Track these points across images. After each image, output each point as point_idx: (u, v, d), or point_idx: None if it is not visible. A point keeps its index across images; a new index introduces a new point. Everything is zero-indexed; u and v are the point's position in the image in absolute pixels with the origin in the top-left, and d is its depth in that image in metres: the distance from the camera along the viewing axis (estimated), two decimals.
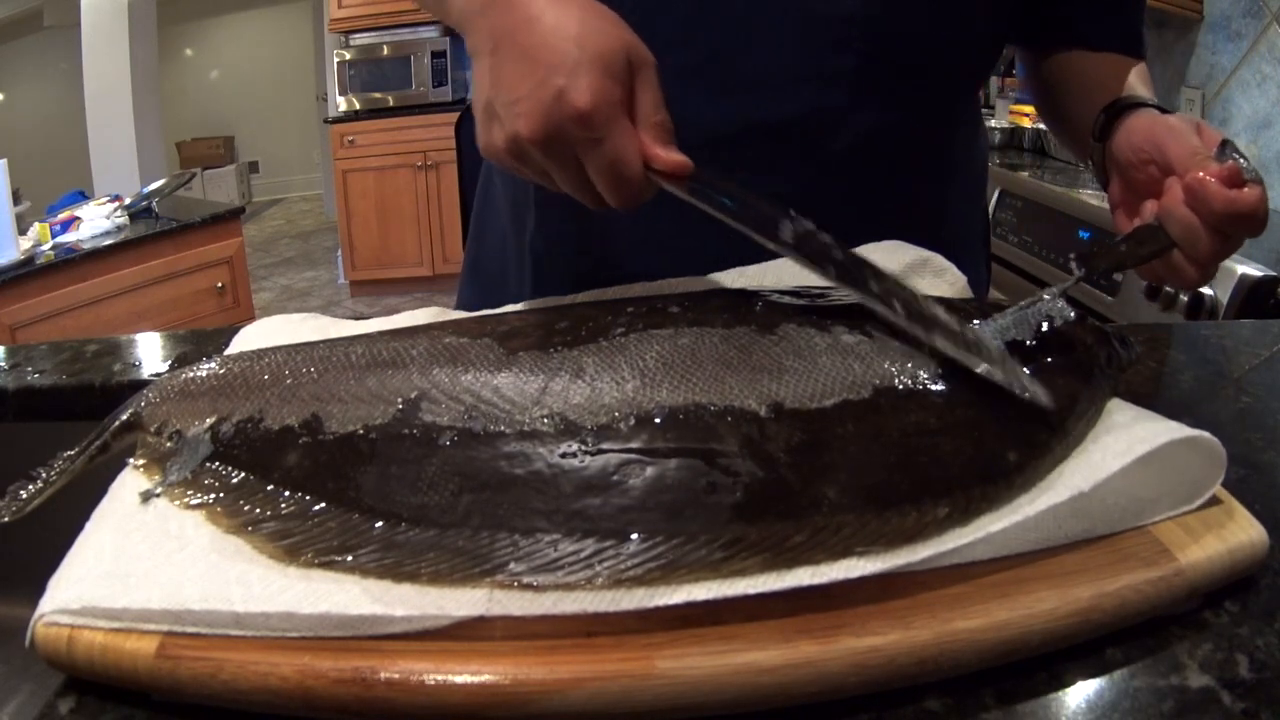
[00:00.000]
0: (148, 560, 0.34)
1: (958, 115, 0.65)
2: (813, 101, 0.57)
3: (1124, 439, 0.36)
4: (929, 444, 0.35)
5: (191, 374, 0.43)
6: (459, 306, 0.73)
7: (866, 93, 0.58)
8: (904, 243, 0.53)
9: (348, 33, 4.09)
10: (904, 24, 0.57)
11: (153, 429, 0.41)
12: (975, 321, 0.41)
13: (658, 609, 0.31)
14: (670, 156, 0.43)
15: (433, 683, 0.30)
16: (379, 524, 0.35)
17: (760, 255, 0.52)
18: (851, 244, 0.53)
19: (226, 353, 0.46)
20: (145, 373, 0.61)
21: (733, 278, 0.52)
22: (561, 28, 0.42)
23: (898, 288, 0.41)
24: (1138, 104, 0.56)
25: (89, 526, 0.37)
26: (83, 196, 2.78)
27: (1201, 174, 0.45)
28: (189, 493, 0.38)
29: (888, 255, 0.54)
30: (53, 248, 2.36)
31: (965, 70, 0.64)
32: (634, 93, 0.43)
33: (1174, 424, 0.37)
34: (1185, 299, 1.33)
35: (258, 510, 0.36)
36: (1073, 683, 0.32)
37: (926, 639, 0.31)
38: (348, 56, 4.04)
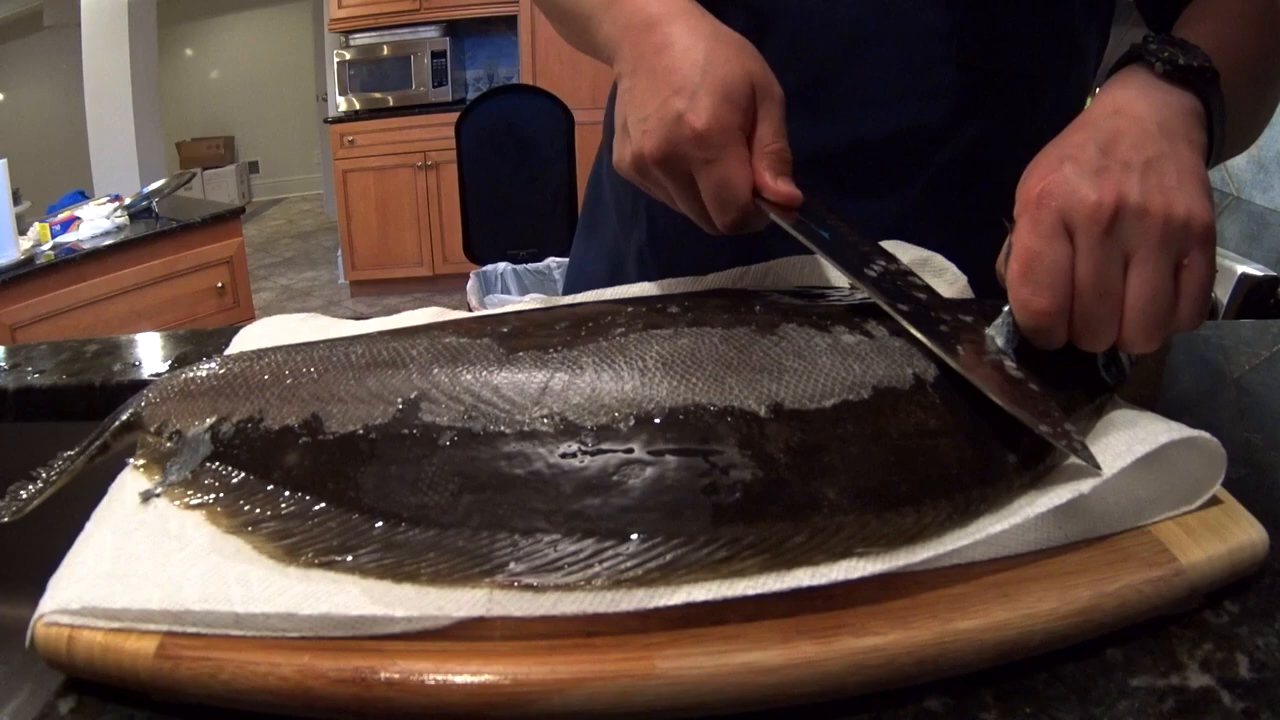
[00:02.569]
0: (148, 560, 0.34)
1: (1064, 122, 0.63)
2: (915, 118, 0.57)
3: (1124, 439, 0.36)
4: (929, 445, 0.35)
5: (191, 374, 0.43)
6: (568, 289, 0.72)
7: (969, 106, 0.57)
8: (904, 243, 0.53)
9: (348, 33, 4.09)
10: (1003, 34, 0.56)
11: (153, 429, 0.41)
12: (987, 331, 0.41)
13: (657, 609, 0.31)
14: (779, 187, 0.43)
15: (433, 683, 0.30)
16: (379, 524, 0.35)
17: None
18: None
19: (226, 353, 0.46)
20: (145, 373, 0.61)
21: (733, 278, 0.52)
22: (690, 53, 0.44)
23: (967, 332, 0.39)
24: (1121, 62, 0.48)
25: (89, 526, 0.37)
26: (83, 196, 2.78)
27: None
28: (189, 493, 0.38)
29: None
30: (53, 248, 2.36)
31: (1068, 77, 0.61)
32: (755, 121, 0.44)
33: (1174, 424, 0.37)
34: None
35: (258, 510, 0.36)
36: (1073, 683, 0.32)
37: (926, 639, 0.31)
38: (348, 56, 4.04)
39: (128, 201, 2.66)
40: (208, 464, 0.39)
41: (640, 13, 0.47)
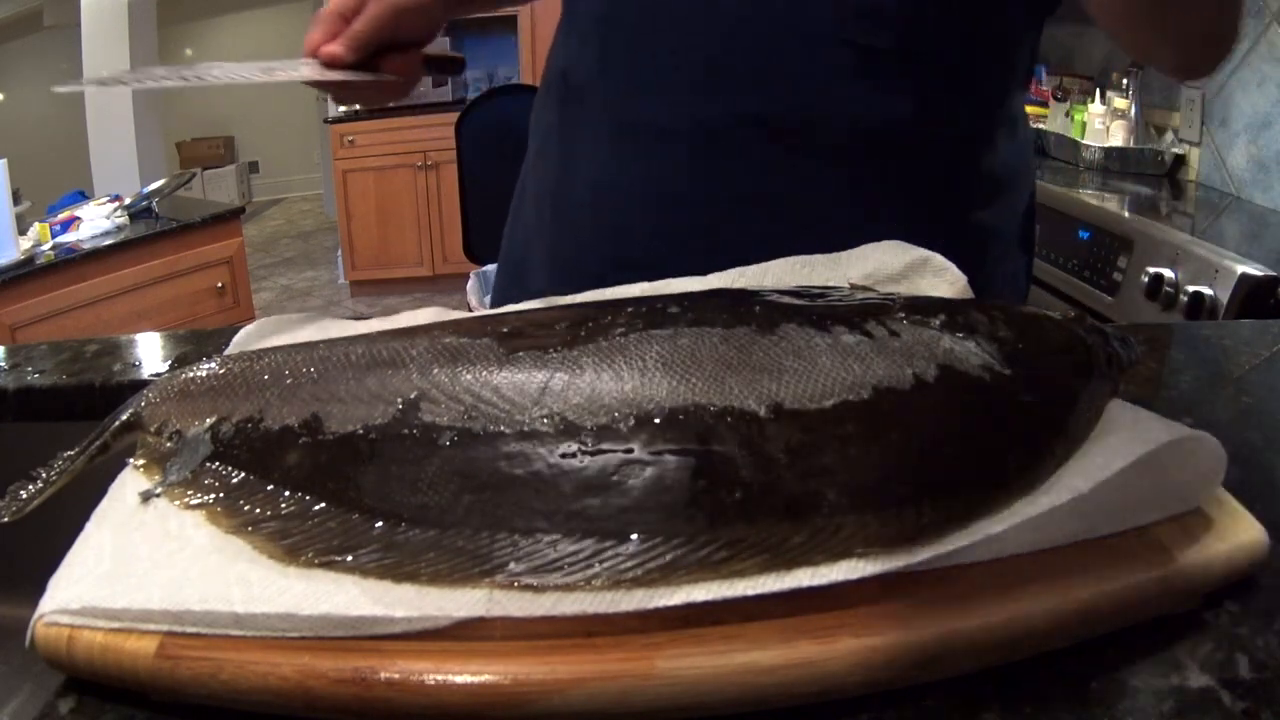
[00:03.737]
0: (148, 560, 0.34)
1: (979, 111, 0.64)
2: (802, 96, 0.58)
3: (1124, 440, 0.36)
4: (929, 445, 0.35)
5: (191, 374, 0.43)
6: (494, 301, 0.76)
7: (865, 87, 0.58)
8: (904, 243, 0.53)
9: None
10: (897, 11, 0.57)
11: (153, 429, 0.41)
12: (971, 338, 0.41)
13: (657, 609, 0.31)
14: (326, 47, 0.61)
15: (433, 683, 0.30)
16: (379, 524, 0.35)
17: (762, 253, 0.53)
18: (849, 243, 0.53)
19: (226, 353, 0.46)
20: (145, 373, 0.61)
21: (733, 278, 0.52)
22: None
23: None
24: None
25: (89, 526, 0.37)
26: (83, 196, 2.78)
27: None
28: (189, 493, 0.38)
29: (888, 255, 0.54)
30: (53, 248, 2.36)
31: (984, 64, 0.62)
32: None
33: (1174, 424, 0.37)
34: (1185, 299, 1.33)
35: (258, 510, 0.36)
36: (1073, 683, 0.32)
37: (926, 639, 0.31)
38: None
39: (128, 201, 2.66)
40: (208, 464, 0.39)
41: None
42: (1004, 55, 0.63)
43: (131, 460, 0.41)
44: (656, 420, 0.36)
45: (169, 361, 0.64)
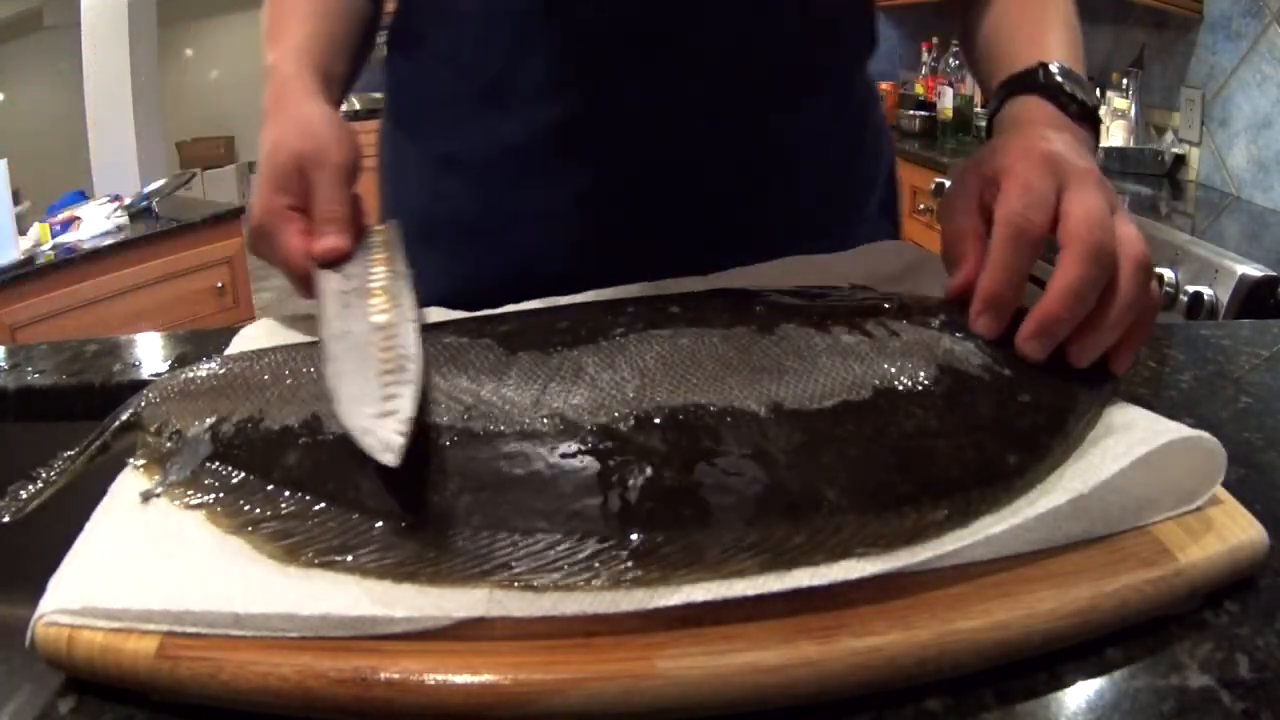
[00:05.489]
0: (148, 560, 0.34)
1: (806, 86, 0.64)
2: (588, 101, 0.59)
3: (1124, 440, 0.36)
4: (929, 445, 0.35)
5: (191, 374, 0.43)
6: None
7: (653, 84, 0.59)
8: (904, 243, 0.53)
9: None
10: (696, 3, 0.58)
11: (153, 429, 0.41)
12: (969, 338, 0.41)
13: (658, 609, 0.31)
14: (318, 245, 0.47)
15: (433, 683, 0.30)
16: (379, 524, 0.35)
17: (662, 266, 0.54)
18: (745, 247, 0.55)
19: (226, 353, 0.46)
20: (145, 373, 0.61)
21: (732, 278, 0.52)
22: (263, 146, 0.50)
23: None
24: (1025, 87, 0.51)
25: (89, 526, 0.37)
26: (83, 196, 2.78)
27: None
28: (189, 493, 0.38)
29: (888, 255, 0.54)
30: (53, 248, 2.35)
31: (798, 34, 0.62)
32: (311, 193, 0.49)
33: (1174, 424, 0.37)
34: (1185, 299, 1.33)
35: (258, 510, 0.36)
36: (1073, 683, 0.32)
37: (926, 639, 0.31)
38: None
39: (128, 201, 2.66)
40: (208, 464, 0.39)
41: (269, 102, 0.52)
42: (827, 27, 0.64)
43: (131, 460, 0.41)
44: (656, 420, 0.36)
45: (169, 361, 0.63)
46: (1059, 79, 0.50)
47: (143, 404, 0.42)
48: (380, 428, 0.34)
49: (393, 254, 0.48)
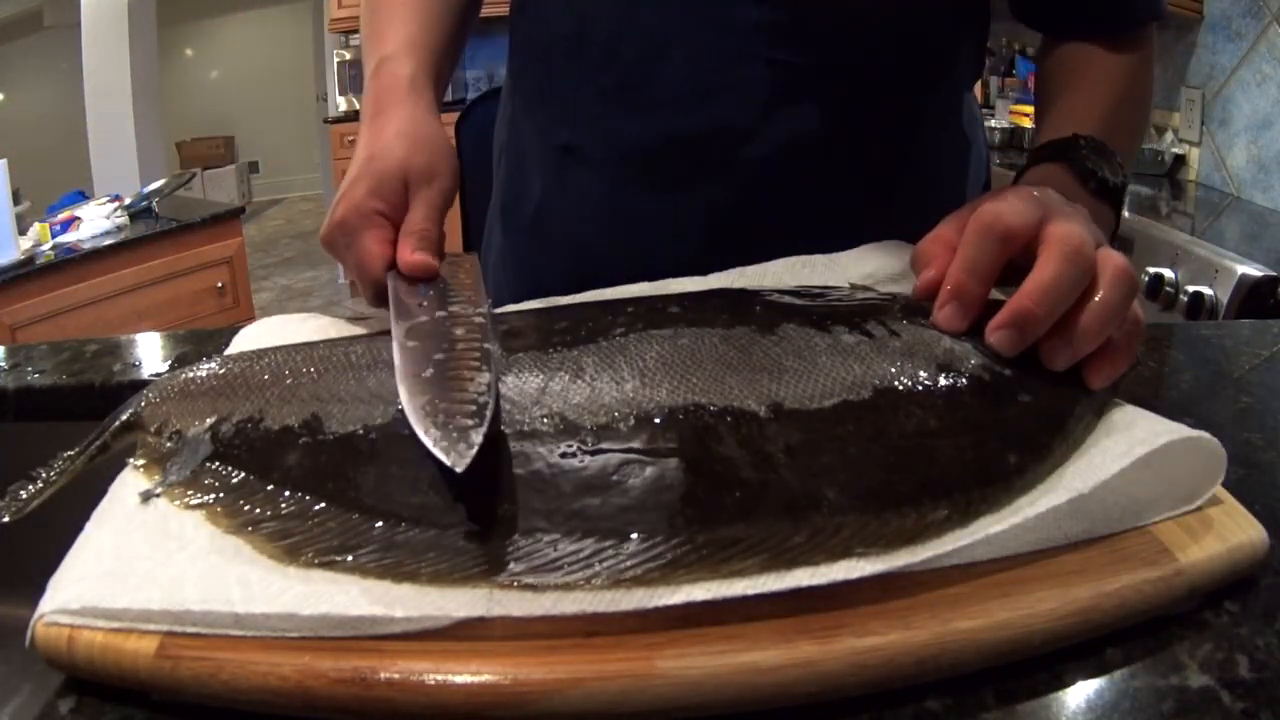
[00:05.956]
0: (148, 560, 0.34)
1: (913, 116, 0.64)
2: (725, 115, 0.59)
3: (1124, 440, 0.36)
4: (929, 445, 0.35)
5: (191, 374, 0.43)
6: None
7: (781, 103, 0.58)
8: (904, 243, 0.53)
9: (348, 33, 4.09)
10: (818, 29, 0.57)
11: (153, 429, 0.41)
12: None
13: (658, 609, 0.31)
14: (408, 258, 0.47)
15: (433, 683, 0.30)
16: (379, 524, 0.35)
17: (713, 264, 0.53)
18: (785, 254, 0.53)
19: (226, 353, 0.46)
20: (145, 373, 0.61)
21: (732, 278, 0.52)
22: (370, 147, 0.50)
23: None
24: (1050, 155, 0.53)
25: (89, 526, 0.37)
26: (83, 196, 2.78)
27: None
28: (189, 493, 0.38)
29: (888, 255, 0.54)
30: (53, 248, 2.36)
31: (910, 69, 0.62)
32: (408, 206, 0.49)
33: (1174, 424, 0.37)
34: (1185, 299, 1.33)
35: (258, 510, 0.36)
36: (1073, 683, 0.32)
37: (926, 639, 0.31)
38: (348, 56, 4.04)
39: (128, 201, 2.66)
40: (208, 464, 0.39)
41: (374, 100, 0.53)
42: (938, 61, 0.64)
43: (131, 460, 0.41)
44: (656, 420, 0.36)
45: (169, 361, 0.64)
46: (1084, 151, 0.51)
47: (143, 404, 0.42)
48: (453, 435, 0.34)
49: (476, 283, 0.47)
